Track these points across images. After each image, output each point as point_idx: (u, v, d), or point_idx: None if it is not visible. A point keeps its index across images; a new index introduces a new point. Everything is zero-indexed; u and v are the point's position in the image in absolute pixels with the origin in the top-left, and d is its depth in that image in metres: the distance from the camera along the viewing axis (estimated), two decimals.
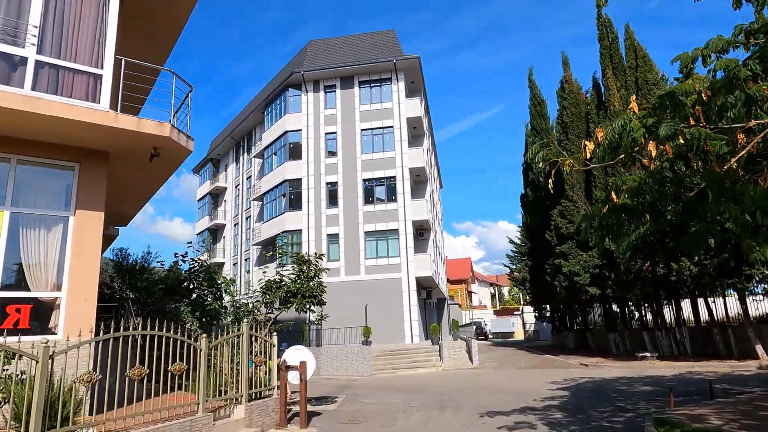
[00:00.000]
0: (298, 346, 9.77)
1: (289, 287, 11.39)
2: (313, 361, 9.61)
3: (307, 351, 9.65)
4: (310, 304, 11.25)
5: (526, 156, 35.32)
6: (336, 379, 20.72)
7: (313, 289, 11.24)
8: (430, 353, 23.55)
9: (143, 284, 12.80)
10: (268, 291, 11.76)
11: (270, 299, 11.66)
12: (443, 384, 16.53)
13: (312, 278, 11.39)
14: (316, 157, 32.66)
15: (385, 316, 28.88)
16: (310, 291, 11.13)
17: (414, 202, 30.91)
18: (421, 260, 30.13)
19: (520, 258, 32.89)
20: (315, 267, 11.65)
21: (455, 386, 15.65)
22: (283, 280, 11.93)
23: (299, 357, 9.41)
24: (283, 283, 11.77)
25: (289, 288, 11.41)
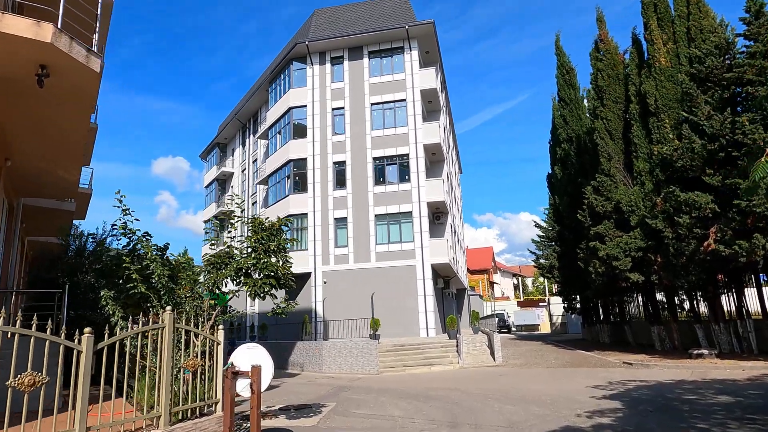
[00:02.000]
0: (251, 344, 7.16)
1: (239, 264, 8.58)
2: (269, 366, 7.00)
3: (262, 352, 7.03)
4: (270, 288, 8.45)
5: (554, 132, 32.12)
6: (337, 378, 18.16)
7: (273, 266, 8.44)
8: (446, 348, 20.81)
9: (86, 267, 10.46)
10: (212, 269, 9.00)
11: (214, 280, 8.91)
12: (459, 387, 13.78)
13: (274, 252, 8.55)
14: (323, 134, 30.03)
15: (397, 307, 26.23)
16: (270, 269, 8.32)
17: (429, 181, 28.07)
18: (437, 245, 27.33)
19: (547, 243, 29.83)
20: (278, 239, 8.76)
21: (474, 390, 12.89)
22: (234, 254, 9.07)
23: (251, 359, 6.82)
24: (232, 258, 8.91)
25: (239, 265, 8.62)
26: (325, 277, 28.09)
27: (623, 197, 20.16)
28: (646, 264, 19.30)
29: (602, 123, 22.28)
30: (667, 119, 18.83)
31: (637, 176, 20.16)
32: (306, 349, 22.21)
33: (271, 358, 6.98)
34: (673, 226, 17.36)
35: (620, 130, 21.98)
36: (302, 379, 18.82)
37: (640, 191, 19.74)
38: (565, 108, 29.51)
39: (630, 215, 19.73)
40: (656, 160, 18.81)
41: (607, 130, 22.08)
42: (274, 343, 25.62)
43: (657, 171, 18.76)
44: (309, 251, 28.64)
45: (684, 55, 19.02)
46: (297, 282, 30.13)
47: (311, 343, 22.05)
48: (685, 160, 17.02)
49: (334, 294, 27.44)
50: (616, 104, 22.22)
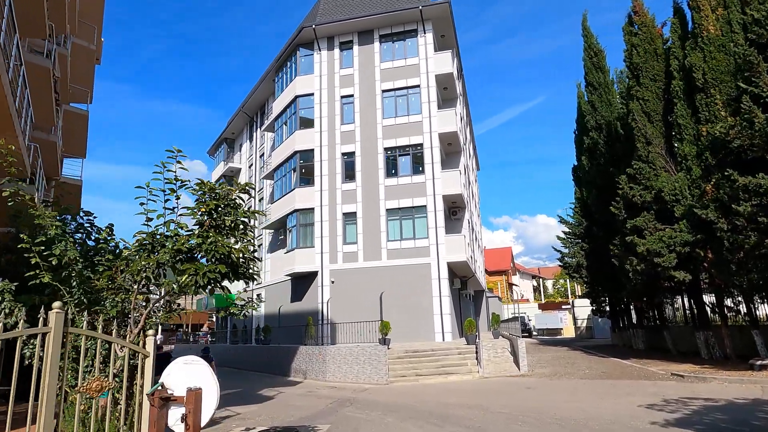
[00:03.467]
0: (190, 357, 5.16)
1: (179, 244, 6.05)
2: (213, 389, 4.99)
3: (204, 369, 5.03)
4: (218, 278, 6.14)
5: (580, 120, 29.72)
6: (341, 388, 16.11)
7: (224, 248, 5.88)
8: (464, 355, 18.64)
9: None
10: (143, 252, 6.65)
11: (145, 267, 6.52)
12: (481, 403, 11.63)
13: (230, 229, 6.22)
14: (330, 124, 28.09)
15: (410, 308, 24.13)
16: (220, 252, 6.34)
17: (445, 173, 25.92)
18: (454, 242, 25.16)
19: (574, 240, 27.45)
20: (234, 211, 6.23)
21: (499, 408, 10.73)
22: (178, 233, 6.67)
23: (190, 380, 4.82)
24: (172, 237, 6.66)
25: (179, 246, 6.04)
26: (332, 277, 26.10)
27: (665, 185, 17.78)
28: (693, 261, 16.93)
29: (638, 104, 19.91)
30: (717, 95, 16.45)
31: (682, 161, 17.76)
32: (309, 355, 20.23)
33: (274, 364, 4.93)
34: (728, 216, 14.98)
35: (660, 111, 19.60)
36: (302, 388, 16.82)
37: (686, 178, 17.36)
38: (593, 93, 27.12)
39: (674, 205, 17.35)
40: (705, 142, 16.43)
41: (645, 112, 19.70)
42: (276, 348, 23.73)
43: (706, 154, 16.37)
44: (315, 248, 26.70)
45: (737, 21, 16.62)
46: (303, 282, 28.34)
47: (314, 348, 20.06)
48: (743, 138, 14.60)
49: (342, 294, 25.45)
50: (654, 82, 19.83)
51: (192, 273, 5.87)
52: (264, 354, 24.82)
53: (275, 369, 23.16)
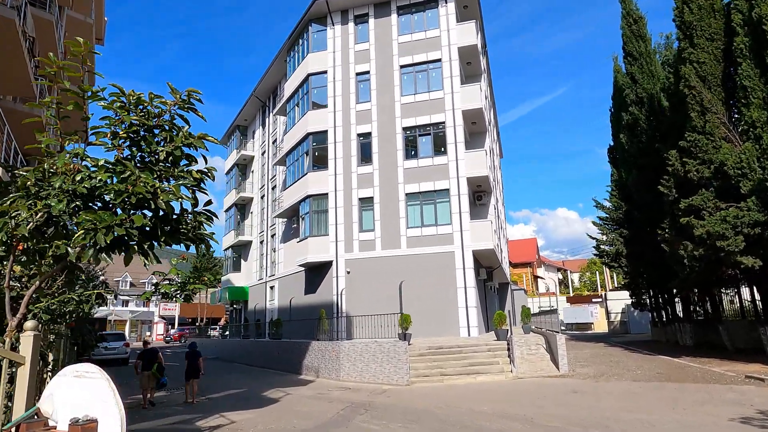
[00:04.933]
0: (83, 366, 3.29)
1: (78, 183, 4.06)
2: (115, 419, 3.07)
3: (103, 385, 3.15)
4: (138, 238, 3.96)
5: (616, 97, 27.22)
6: (356, 390, 14.22)
7: (146, 186, 3.34)
8: (494, 352, 16.59)
9: None
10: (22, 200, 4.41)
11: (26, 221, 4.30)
12: (521, 412, 9.61)
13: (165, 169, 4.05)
14: (345, 103, 26.15)
15: (432, 301, 22.14)
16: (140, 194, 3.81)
17: (469, 154, 23.78)
18: (479, 229, 23.02)
19: (611, 226, 25.04)
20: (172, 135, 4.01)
21: (546, 421, 8.71)
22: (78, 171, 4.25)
23: (79, 402, 2.97)
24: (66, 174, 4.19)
25: (76, 187, 3.91)
26: (348, 267, 24.23)
27: (728, 158, 15.38)
28: (765, 244, 14.54)
29: (692, 68, 17.46)
30: None
31: (749, 129, 15.33)
32: (322, 351, 18.41)
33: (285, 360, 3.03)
34: None
35: (718, 75, 17.14)
36: (313, 389, 14.99)
37: (755, 148, 14.93)
38: (632, 64, 24.61)
39: (740, 180, 14.95)
40: None
41: (700, 77, 17.26)
42: (287, 343, 22.00)
43: None
44: (330, 237, 24.86)
45: None
46: (317, 272, 26.54)
47: (327, 343, 18.22)
48: None
49: (358, 286, 23.58)
50: (711, 42, 17.36)
51: (89, 227, 3.92)
52: (275, 349, 23.12)
53: (286, 366, 21.43)
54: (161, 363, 13.08)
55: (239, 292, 37.86)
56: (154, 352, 13.33)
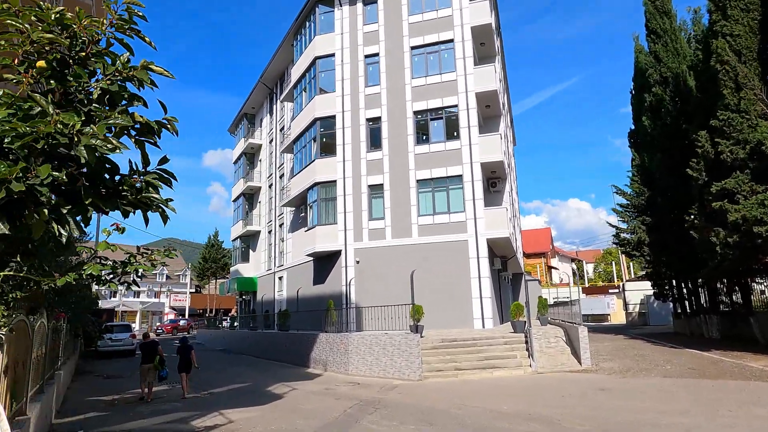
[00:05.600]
0: None
1: None
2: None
3: None
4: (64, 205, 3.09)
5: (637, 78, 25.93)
6: (365, 385, 13.42)
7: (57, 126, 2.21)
8: (511, 345, 15.69)
9: None
10: None
11: None
12: (545, 413, 8.72)
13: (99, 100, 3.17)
14: (354, 87, 25.19)
15: (445, 292, 21.27)
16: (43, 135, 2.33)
17: (483, 138, 22.74)
18: (494, 216, 22.04)
19: (632, 214, 23.89)
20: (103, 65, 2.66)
21: (574, 426, 7.79)
22: None
23: None
24: None
25: None
26: (357, 256, 23.42)
27: (767, 136, 14.23)
28: None
29: (725, 42, 16.24)
30: None
31: None
32: (330, 343, 17.65)
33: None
34: None
35: (754, 49, 15.92)
36: (320, 384, 14.23)
37: None
38: (656, 42, 23.34)
39: None
40: None
41: (734, 51, 16.05)
42: (294, 335, 21.28)
43: None
44: (338, 225, 24.04)
45: None
46: (325, 262, 25.74)
47: (336, 335, 17.44)
48: None
49: (368, 276, 22.77)
50: (746, 13, 16.12)
51: None
52: (283, 341, 22.44)
53: (294, 358, 20.73)
54: (162, 356, 12.81)
55: (248, 282, 37.30)
56: (154, 344, 13.14)
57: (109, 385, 16.09)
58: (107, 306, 49.88)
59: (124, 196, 2.72)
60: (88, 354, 28.13)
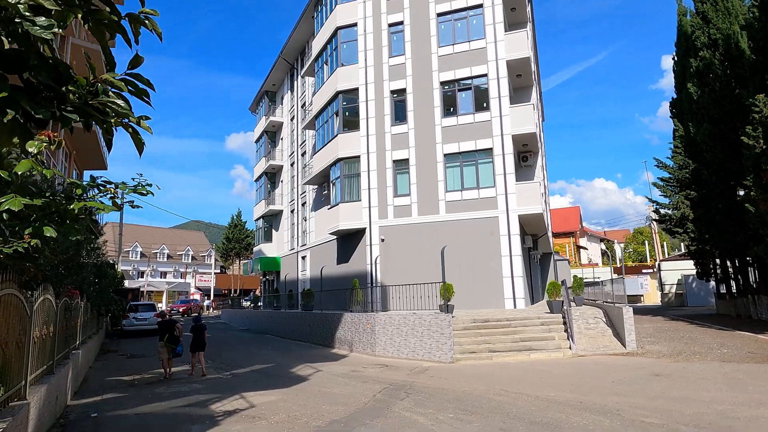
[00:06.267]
0: None
1: None
2: None
3: None
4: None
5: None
6: (393, 367, 12.67)
7: None
8: (549, 327, 14.73)
9: None
10: None
11: None
12: (601, 404, 7.79)
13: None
14: (377, 57, 24.07)
15: (474, 270, 20.36)
16: None
17: (515, 109, 21.47)
18: (526, 191, 20.90)
19: (676, 188, 22.38)
20: None
21: (635, 417, 6.86)
22: None
23: None
24: None
25: None
26: (382, 234, 22.60)
27: None
28: None
29: None
30: None
31: None
32: (355, 323, 16.95)
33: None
34: None
35: None
36: (346, 365, 13.54)
37: None
38: (704, 2, 21.55)
39: None
40: None
41: None
42: (319, 315, 20.67)
43: None
44: (362, 202, 23.20)
45: None
46: (349, 241, 24.95)
47: (361, 315, 16.71)
48: None
49: (393, 255, 21.96)
50: None
51: None
52: (307, 321, 21.90)
53: (318, 338, 20.17)
54: (175, 333, 12.83)
55: (271, 262, 36.95)
56: (171, 323, 13.10)
57: (131, 364, 15.75)
58: (133, 285, 50.45)
59: (69, 99, 1.88)
60: (114, 333, 28.21)
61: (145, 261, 71.68)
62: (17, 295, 5.32)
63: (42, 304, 6.89)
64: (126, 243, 66.20)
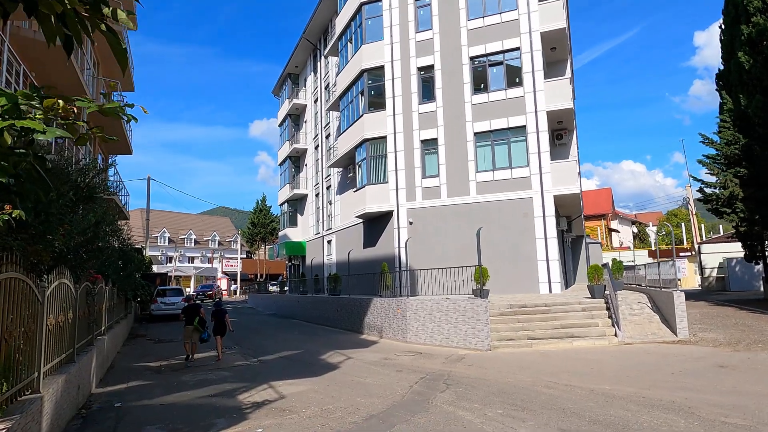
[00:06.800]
0: None
1: None
2: None
3: None
4: None
5: None
6: (427, 355, 12.04)
7: None
8: (591, 312, 13.87)
9: None
10: None
11: None
12: (667, 401, 6.98)
13: None
14: (403, 33, 23.12)
15: (507, 254, 19.55)
16: None
17: (550, 83, 20.37)
18: (562, 171, 19.88)
19: (724, 165, 20.95)
20: None
21: (718, 417, 6.04)
22: None
23: None
24: None
25: None
26: (410, 216, 21.90)
27: None
28: None
29: None
30: None
31: None
32: (385, 309, 16.36)
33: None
34: None
35: None
36: (377, 352, 12.98)
37: None
38: None
39: None
40: None
41: None
42: (346, 300, 20.17)
43: None
44: (389, 184, 22.50)
45: None
46: (376, 224, 24.29)
47: (392, 300, 16.10)
48: None
49: (421, 238, 21.25)
50: None
51: None
52: (334, 306, 21.44)
53: (346, 324, 19.69)
54: (203, 317, 12.82)
55: (296, 247, 36.68)
56: (196, 307, 13.07)
57: (158, 349, 15.53)
58: (161, 271, 51.03)
59: None
60: (144, 317, 28.35)
61: (172, 246, 72.65)
62: (24, 280, 4.80)
63: (57, 290, 6.42)
64: (154, 229, 67.09)
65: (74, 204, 6.98)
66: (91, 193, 7.76)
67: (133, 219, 42.40)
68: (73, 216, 6.79)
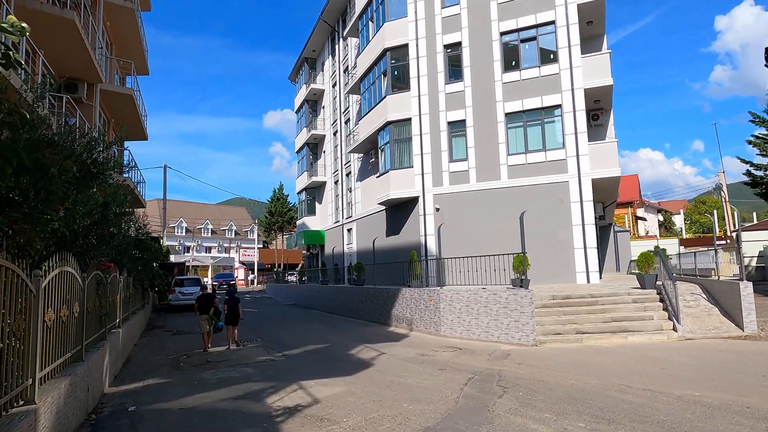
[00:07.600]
0: None
1: None
2: None
3: None
4: None
5: None
6: (468, 351, 11.00)
7: None
8: (643, 304, 12.69)
9: None
10: None
11: None
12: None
13: None
14: (428, 8, 21.85)
15: (541, 241, 18.29)
16: None
17: (587, 59, 19.02)
18: (600, 152, 18.57)
19: None
20: None
21: None
22: None
23: None
24: None
25: None
26: (436, 203, 20.80)
27: None
28: None
29: None
30: None
31: None
32: (415, 300, 15.34)
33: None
34: None
35: None
36: (410, 347, 11.98)
37: None
38: None
39: None
40: None
41: None
42: (372, 290, 19.18)
43: None
44: (414, 169, 21.39)
45: None
46: (400, 211, 23.13)
47: (423, 291, 15.06)
48: None
49: (449, 225, 20.11)
50: None
51: None
52: (357, 296, 20.49)
53: (371, 315, 18.75)
54: (217, 307, 12.71)
55: (315, 236, 35.82)
56: (211, 297, 12.93)
57: (176, 341, 14.75)
58: (179, 260, 50.69)
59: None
60: (162, 307, 27.79)
61: (189, 236, 72.53)
62: (8, 267, 3.85)
63: (59, 279, 5.50)
64: (171, 219, 66.91)
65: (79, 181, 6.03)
66: (101, 170, 6.82)
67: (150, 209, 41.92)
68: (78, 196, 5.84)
